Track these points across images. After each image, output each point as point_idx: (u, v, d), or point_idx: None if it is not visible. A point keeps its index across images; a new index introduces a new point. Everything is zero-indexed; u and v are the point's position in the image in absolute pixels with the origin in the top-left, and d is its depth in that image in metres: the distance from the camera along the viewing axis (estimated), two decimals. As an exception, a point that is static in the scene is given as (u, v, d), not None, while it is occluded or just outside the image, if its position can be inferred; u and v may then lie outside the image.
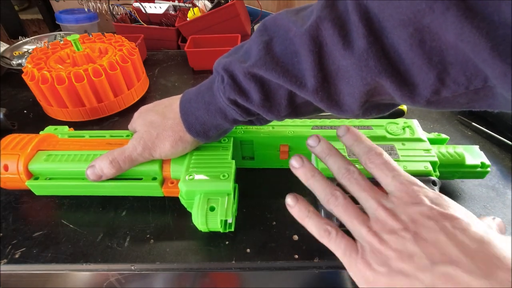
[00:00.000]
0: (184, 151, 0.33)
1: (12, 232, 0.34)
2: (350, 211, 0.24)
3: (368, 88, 0.22)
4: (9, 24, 0.98)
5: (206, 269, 0.31)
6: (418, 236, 0.21)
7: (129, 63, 0.51)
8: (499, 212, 0.34)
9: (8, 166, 0.33)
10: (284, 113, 0.28)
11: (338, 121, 0.37)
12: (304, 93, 0.24)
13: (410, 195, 0.23)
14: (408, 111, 0.50)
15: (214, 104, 0.29)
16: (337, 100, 0.24)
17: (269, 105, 0.27)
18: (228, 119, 0.29)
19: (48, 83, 0.46)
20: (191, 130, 0.31)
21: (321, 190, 0.25)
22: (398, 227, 0.22)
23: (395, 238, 0.21)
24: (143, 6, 0.78)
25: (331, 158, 0.27)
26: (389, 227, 0.22)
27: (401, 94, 0.21)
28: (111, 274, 0.31)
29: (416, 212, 0.22)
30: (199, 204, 0.29)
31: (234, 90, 0.26)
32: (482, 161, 0.34)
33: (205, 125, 0.30)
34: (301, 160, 0.27)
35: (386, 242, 0.21)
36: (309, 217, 0.25)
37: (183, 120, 0.31)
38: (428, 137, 0.35)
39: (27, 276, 0.31)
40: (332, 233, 0.24)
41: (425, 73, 0.20)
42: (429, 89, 0.20)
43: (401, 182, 0.24)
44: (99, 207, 0.36)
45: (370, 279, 0.21)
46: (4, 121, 0.47)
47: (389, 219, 0.22)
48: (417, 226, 0.21)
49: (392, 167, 0.25)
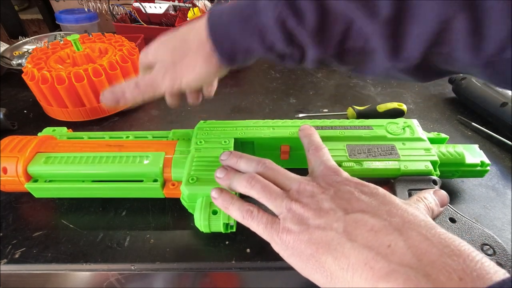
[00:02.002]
0: (208, 78, 0.29)
1: (12, 232, 0.33)
2: (267, 192, 0.25)
3: (438, 29, 0.21)
4: (9, 24, 0.98)
5: (206, 269, 0.31)
6: (335, 196, 0.24)
7: (129, 63, 0.51)
8: (499, 212, 0.34)
9: (7, 168, 0.33)
10: (330, 52, 0.25)
11: (338, 121, 0.37)
12: (372, 24, 0.22)
13: (331, 171, 0.27)
14: (408, 111, 0.50)
15: (254, 20, 0.25)
16: (401, 41, 0.23)
17: (321, 35, 0.24)
18: (264, 43, 0.25)
19: (48, 83, 0.46)
20: (217, 48, 0.27)
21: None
22: (317, 190, 0.24)
23: (315, 200, 0.24)
24: (143, 6, 0.78)
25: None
26: (309, 192, 0.24)
27: (469, 42, 0.21)
28: (111, 274, 0.31)
29: (334, 180, 0.25)
30: (202, 208, 0.29)
31: (288, 8, 0.23)
32: (482, 160, 0.34)
33: (234, 45, 0.26)
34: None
35: (306, 204, 0.23)
36: (232, 204, 0.26)
37: (211, 36, 0.27)
38: (428, 136, 0.36)
39: (27, 276, 0.31)
40: (254, 211, 0.25)
41: (500, 24, 0.19)
42: (497, 44, 0.20)
43: (326, 167, 0.27)
44: (99, 207, 0.36)
45: (291, 243, 0.23)
46: (4, 121, 0.47)
47: (309, 186, 0.25)
48: (335, 189, 0.24)
49: (325, 157, 0.28)
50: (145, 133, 0.39)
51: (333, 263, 0.20)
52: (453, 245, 0.19)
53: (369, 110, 0.48)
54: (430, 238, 0.19)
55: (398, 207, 0.22)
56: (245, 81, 0.62)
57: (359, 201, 0.23)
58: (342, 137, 0.35)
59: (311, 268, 0.22)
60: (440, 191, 0.28)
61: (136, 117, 0.52)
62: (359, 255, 0.20)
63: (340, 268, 0.20)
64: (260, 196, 0.26)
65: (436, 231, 0.20)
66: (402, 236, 0.20)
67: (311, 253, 0.22)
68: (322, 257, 0.21)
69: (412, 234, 0.20)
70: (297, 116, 0.51)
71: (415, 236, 0.19)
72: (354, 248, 0.20)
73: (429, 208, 0.26)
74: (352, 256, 0.20)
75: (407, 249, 0.19)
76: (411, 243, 0.19)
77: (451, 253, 0.18)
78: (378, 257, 0.19)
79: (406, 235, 0.20)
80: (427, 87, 0.58)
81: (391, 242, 0.19)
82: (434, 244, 0.19)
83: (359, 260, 0.19)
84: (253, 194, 0.26)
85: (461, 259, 0.18)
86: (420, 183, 0.31)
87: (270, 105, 0.54)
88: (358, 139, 0.35)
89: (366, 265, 0.19)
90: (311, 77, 0.63)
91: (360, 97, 0.56)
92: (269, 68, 0.66)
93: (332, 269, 0.20)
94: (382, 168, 0.32)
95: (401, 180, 0.31)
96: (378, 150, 0.33)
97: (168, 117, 0.52)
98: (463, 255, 0.18)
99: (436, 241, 0.19)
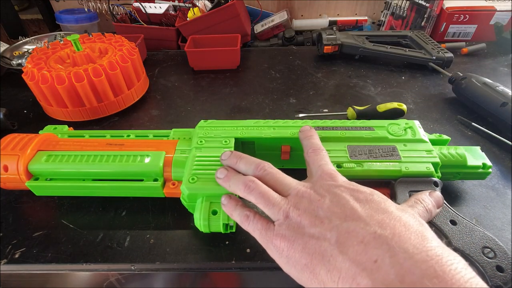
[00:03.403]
0: None
1: (12, 232, 0.33)
2: (265, 198, 0.25)
3: None
4: (9, 24, 0.98)
5: (206, 269, 0.31)
6: (330, 204, 0.24)
7: (129, 63, 0.51)
8: (499, 212, 0.34)
9: (8, 166, 0.33)
10: None
11: (339, 121, 0.37)
12: None
13: (328, 176, 0.27)
14: (408, 111, 0.50)
15: None
16: None
17: None
18: None
19: (48, 83, 0.46)
20: None
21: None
22: (314, 198, 0.24)
23: (311, 208, 0.24)
24: (143, 6, 0.78)
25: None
26: (306, 199, 0.24)
27: None
28: (111, 274, 0.31)
29: (330, 185, 0.25)
30: (202, 208, 0.29)
31: None
32: (483, 162, 0.34)
33: None
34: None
35: (303, 212, 0.24)
36: (235, 210, 0.27)
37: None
38: (429, 138, 0.35)
39: (27, 276, 0.31)
40: (251, 216, 0.26)
41: None
42: None
43: (323, 171, 0.27)
44: (99, 207, 0.36)
45: (285, 251, 0.23)
46: (4, 121, 0.47)
47: (306, 193, 0.25)
48: (330, 197, 0.24)
49: (323, 161, 0.28)
50: (146, 132, 0.39)
51: (325, 276, 0.21)
52: (439, 264, 0.18)
53: (369, 110, 0.48)
54: (416, 255, 0.19)
55: (391, 216, 0.22)
56: (245, 81, 0.62)
57: (353, 209, 0.23)
58: (343, 137, 0.35)
59: (306, 278, 0.22)
60: (435, 192, 0.28)
61: (136, 117, 0.52)
62: (348, 270, 0.20)
63: (332, 280, 0.20)
64: (258, 202, 0.26)
65: (424, 246, 0.20)
66: (389, 252, 0.19)
67: (306, 264, 0.22)
68: (316, 269, 0.21)
69: (399, 250, 0.19)
70: (297, 116, 0.51)
71: (401, 253, 0.19)
72: (344, 261, 0.20)
73: (427, 210, 0.26)
74: (343, 270, 0.20)
75: (391, 268, 0.19)
76: (396, 261, 0.19)
77: (434, 275, 0.18)
78: (364, 274, 0.19)
79: (393, 251, 0.19)
80: (427, 87, 0.58)
81: (378, 257, 0.19)
82: (418, 263, 0.18)
83: (348, 275, 0.20)
84: (251, 199, 0.26)
85: (442, 283, 0.17)
86: (421, 185, 0.30)
87: (270, 105, 0.54)
88: (359, 140, 0.35)
89: (354, 281, 0.19)
90: (311, 77, 0.63)
91: (360, 97, 0.56)
92: (269, 68, 0.66)
93: (325, 281, 0.21)
94: (383, 169, 0.32)
95: (402, 182, 0.31)
96: (379, 151, 0.33)
97: (168, 117, 0.52)
98: (447, 277, 0.18)
99: (421, 260, 0.19)
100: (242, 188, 0.26)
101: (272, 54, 0.72)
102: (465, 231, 0.27)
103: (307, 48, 0.76)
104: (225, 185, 0.28)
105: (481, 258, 0.25)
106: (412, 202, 0.26)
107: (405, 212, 0.23)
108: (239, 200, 0.28)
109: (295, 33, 0.81)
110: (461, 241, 0.26)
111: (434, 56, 0.61)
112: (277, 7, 0.94)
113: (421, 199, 0.27)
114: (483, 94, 0.47)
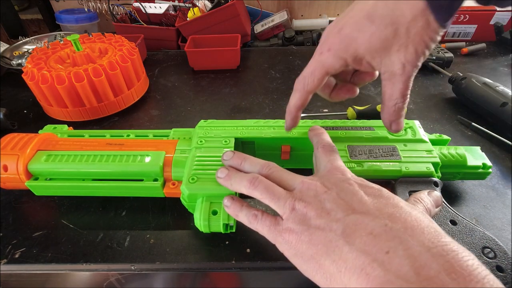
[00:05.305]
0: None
1: (12, 232, 0.33)
2: (270, 192, 0.25)
3: None
4: (9, 24, 0.98)
5: (206, 269, 0.31)
6: (337, 196, 0.24)
7: (129, 63, 0.51)
8: (499, 212, 0.34)
9: (8, 166, 0.33)
10: None
11: (340, 121, 0.37)
12: None
13: (337, 170, 0.26)
14: (408, 111, 0.50)
15: None
16: None
17: None
18: None
19: (48, 83, 0.46)
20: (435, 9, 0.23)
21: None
22: (320, 190, 0.24)
23: (318, 200, 0.24)
24: (143, 6, 0.78)
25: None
26: (313, 192, 0.24)
27: None
28: (111, 274, 0.31)
29: (338, 179, 0.25)
30: (202, 208, 0.29)
31: None
32: (483, 162, 0.34)
33: None
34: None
35: (309, 204, 0.24)
36: (241, 211, 0.27)
37: None
38: (429, 138, 0.35)
39: (27, 276, 0.31)
40: (259, 215, 0.26)
41: None
42: None
43: (332, 166, 0.27)
44: (99, 207, 0.36)
45: (293, 243, 0.23)
46: (4, 121, 0.47)
47: (312, 185, 0.25)
48: (338, 189, 0.24)
49: (332, 156, 0.28)
50: (146, 132, 0.39)
51: (331, 265, 0.21)
52: (455, 259, 0.18)
53: (369, 110, 0.48)
54: (432, 249, 0.18)
55: (401, 211, 0.22)
56: (245, 81, 0.62)
57: (361, 202, 0.23)
58: (343, 137, 0.35)
59: (312, 269, 0.22)
60: (433, 192, 0.28)
61: (136, 117, 0.52)
62: (356, 260, 0.19)
63: (338, 270, 0.20)
64: (263, 197, 0.26)
65: (439, 241, 0.19)
66: (402, 245, 0.19)
67: (311, 255, 0.22)
68: (321, 259, 0.21)
69: (413, 243, 0.19)
70: (297, 116, 0.51)
71: (416, 246, 0.19)
72: (351, 251, 0.20)
73: (427, 209, 0.26)
74: (349, 260, 0.20)
75: (405, 260, 0.18)
76: (411, 253, 0.18)
77: (451, 270, 0.17)
78: (375, 264, 0.19)
79: (406, 244, 0.19)
80: (427, 87, 0.58)
81: (389, 249, 0.19)
82: (435, 257, 0.18)
83: (356, 265, 0.19)
84: (256, 194, 0.26)
85: (461, 278, 0.17)
86: (421, 185, 0.30)
87: (270, 105, 0.54)
88: (359, 140, 0.35)
89: (363, 271, 0.19)
90: (311, 77, 0.63)
91: (360, 97, 0.56)
92: (269, 68, 0.66)
93: (331, 271, 0.21)
94: (383, 169, 0.32)
95: (402, 182, 0.31)
96: (379, 151, 0.33)
97: (168, 117, 0.52)
98: (464, 273, 0.17)
99: (438, 254, 0.18)
100: (246, 184, 0.26)
101: (272, 54, 0.72)
102: (465, 231, 0.27)
103: (307, 48, 0.76)
104: (226, 184, 0.28)
105: (481, 258, 0.25)
106: (412, 202, 0.26)
107: (415, 209, 0.23)
108: (244, 201, 0.28)
109: (295, 33, 0.81)
110: (461, 241, 0.26)
111: (434, 56, 0.61)
112: (277, 7, 0.94)
113: (420, 199, 0.26)
114: (483, 94, 0.47)
